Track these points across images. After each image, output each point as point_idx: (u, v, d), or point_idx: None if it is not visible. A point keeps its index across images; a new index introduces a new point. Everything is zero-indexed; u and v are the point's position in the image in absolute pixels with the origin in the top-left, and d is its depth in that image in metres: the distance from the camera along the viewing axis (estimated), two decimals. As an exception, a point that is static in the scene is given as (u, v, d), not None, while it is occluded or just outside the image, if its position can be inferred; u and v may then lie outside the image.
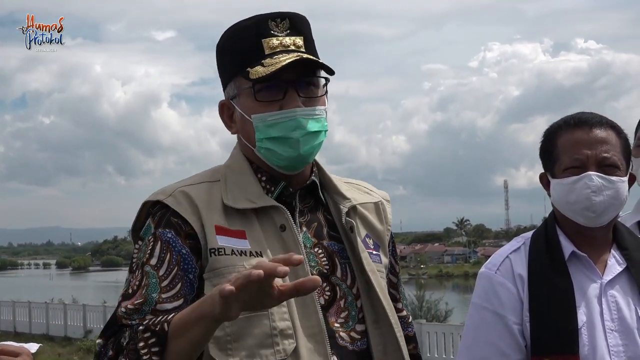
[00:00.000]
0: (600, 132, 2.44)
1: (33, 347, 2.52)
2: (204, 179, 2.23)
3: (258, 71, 2.12)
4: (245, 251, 2.09)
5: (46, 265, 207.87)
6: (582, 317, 2.38)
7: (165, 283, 2.05)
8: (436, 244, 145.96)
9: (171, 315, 1.93)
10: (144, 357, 1.90)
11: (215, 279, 2.05)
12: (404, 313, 2.46)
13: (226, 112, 2.28)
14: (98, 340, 2.06)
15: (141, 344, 1.91)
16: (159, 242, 2.10)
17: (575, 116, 2.51)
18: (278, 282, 1.74)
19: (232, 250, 2.08)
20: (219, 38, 2.29)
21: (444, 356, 17.33)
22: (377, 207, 2.40)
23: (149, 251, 2.10)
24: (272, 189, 2.22)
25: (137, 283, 2.08)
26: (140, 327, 1.95)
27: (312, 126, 2.16)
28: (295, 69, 2.13)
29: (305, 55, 2.14)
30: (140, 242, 2.16)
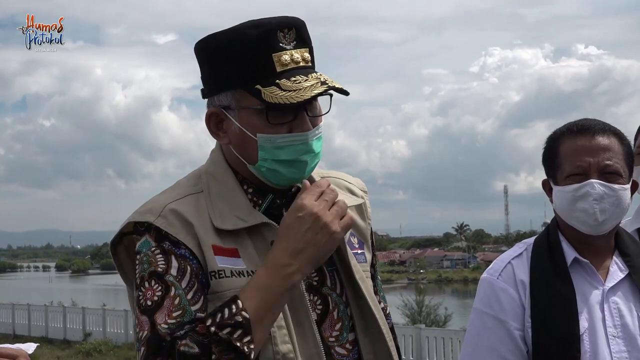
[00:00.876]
0: (602, 140, 2.43)
1: (30, 347, 2.50)
2: (186, 190, 2.13)
3: (275, 94, 2.01)
4: (242, 271, 2.03)
5: (45, 268, 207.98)
6: (584, 323, 2.38)
7: (189, 296, 1.98)
8: (435, 249, 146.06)
9: (239, 304, 1.91)
10: (240, 348, 1.88)
11: (217, 302, 1.98)
12: (382, 305, 2.39)
13: (214, 120, 2.15)
14: None
15: (231, 340, 1.87)
16: (173, 255, 2.01)
17: (578, 123, 2.50)
18: None
19: (232, 272, 2.03)
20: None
21: (443, 361, 17.30)
22: (360, 207, 2.35)
23: (161, 262, 2.00)
24: (260, 202, 2.14)
25: (160, 293, 1.98)
26: (213, 329, 1.88)
27: (318, 147, 2.11)
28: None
29: (331, 84, 2.05)
30: (138, 255, 2.04)
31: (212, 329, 1.88)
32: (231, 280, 2.01)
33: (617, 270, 2.46)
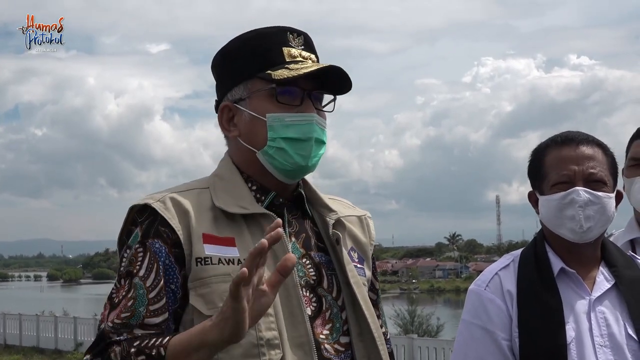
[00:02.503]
0: (587, 149, 2.47)
1: None
2: (193, 186, 2.22)
3: (283, 73, 2.15)
4: (233, 259, 2.08)
5: (37, 278, 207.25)
6: (570, 332, 2.40)
7: (152, 294, 2.05)
8: (428, 259, 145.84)
9: (166, 339, 1.94)
10: None
11: (201, 289, 2.06)
12: (383, 330, 2.46)
13: (226, 115, 2.27)
14: (85, 357, 2.05)
15: None
16: (149, 254, 2.09)
17: (562, 134, 2.54)
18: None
19: (220, 259, 2.08)
20: (217, 50, 2.30)
21: (435, 371, 17.29)
22: (361, 221, 2.43)
23: (138, 262, 2.09)
24: (263, 197, 2.22)
25: (123, 293, 2.07)
26: (133, 350, 1.95)
27: (322, 135, 2.23)
28: (313, 81, 2.19)
29: (333, 65, 2.18)
30: (128, 250, 2.13)
31: (133, 349, 1.95)
32: (217, 267, 2.07)
33: (603, 280, 2.48)
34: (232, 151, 2.30)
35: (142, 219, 2.13)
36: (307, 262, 2.22)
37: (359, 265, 2.32)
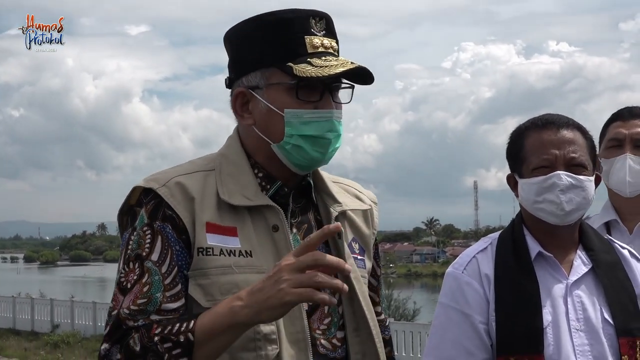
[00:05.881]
0: (567, 133, 2.47)
1: None
2: (198, 167, 2.18)
3: (306, 70, 2.09)
4: (234, 251, 2.07)
5: (14, 260, 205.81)
6: (547, 316, 2.40)
7: (168, 281, 2.03)
8: (405, 244, 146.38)
9: (192, 324, 1.93)
10: None
11: (200, 279, 2.04)
12: (382, 317, 2.46)
13: (240, 100, 2.22)
14: (103, 346, 2.01)
15: (166, 357, 1.91)
16: (160, 237, 2.06)
17: (542, 117, 2.54)
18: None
19: (221, 250, 2.06)
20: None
21: (411, 355, 17.37)
22: (366, 213, 2.41)
23: (147, 244, 2.06)
24: (268, 186, 2.19)
25: (135, 278, 2.04)
26: (156, 338, 1.93)
27: (340, 129, 2.18)
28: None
29: (360, 65, 2.14)
30: (134, 232, 2.09)
31: (157, 338, 1.94)
32: (218, 258, 2.05)
33: (580, 265, 2.49)
34: (244, 135, 2.25)
35: (147, 201, 2.10)
36: None
37: (359, 257, 2.31)
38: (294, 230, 2.21)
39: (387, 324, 2.51)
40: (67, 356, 20.01)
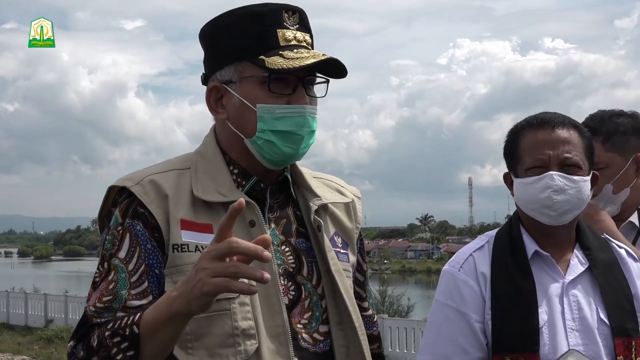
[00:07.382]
0: (562, 132, 2.46)
1: None
2: (174, 166, 2.18)
3: (277, 62, 2.09)
4: None
5: (7, 254, 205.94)
6: (543, 316, 2.40)
7: (134, 278, 2.03)
8: (400, 240, 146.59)
9: (137, 317, 1.91)
10: None
11: (177, 276, 2.03)
12: (369, 312, 2.46)
13: (214, 95, 2.20)
14: (70, 343, 2.02)
15: (114, 350, 1.90)
16: (128, 235, 2.06)
17: (538, 116, 2.53)
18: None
19: (197, 247, 2.05)
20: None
21: (405, 351, 17.42)
22: (348, 206, 2.39)
23: (117, 242, 2.06)
24: (244, 182, 2.18)
25: (103, 276, 2.05)
26: (107, 333, 1.93)
27: (313, 125, 2.16)
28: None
29: (332, 57, 2.13)
30: (108, 232, 2.10)
31: (107, 332, 1.93)
32: (194, 254, 2.03)
33: (577, 264, 2.48)
34: (219, 130, 2.25)
35: (122, 200, 2.10)
36: (287, 249, 2.19)
37: (342, 251, 2.29)
38: (272, 225, 2.19)
39: (374, 319, 2.49)
40: (60, 351, 20.00)
